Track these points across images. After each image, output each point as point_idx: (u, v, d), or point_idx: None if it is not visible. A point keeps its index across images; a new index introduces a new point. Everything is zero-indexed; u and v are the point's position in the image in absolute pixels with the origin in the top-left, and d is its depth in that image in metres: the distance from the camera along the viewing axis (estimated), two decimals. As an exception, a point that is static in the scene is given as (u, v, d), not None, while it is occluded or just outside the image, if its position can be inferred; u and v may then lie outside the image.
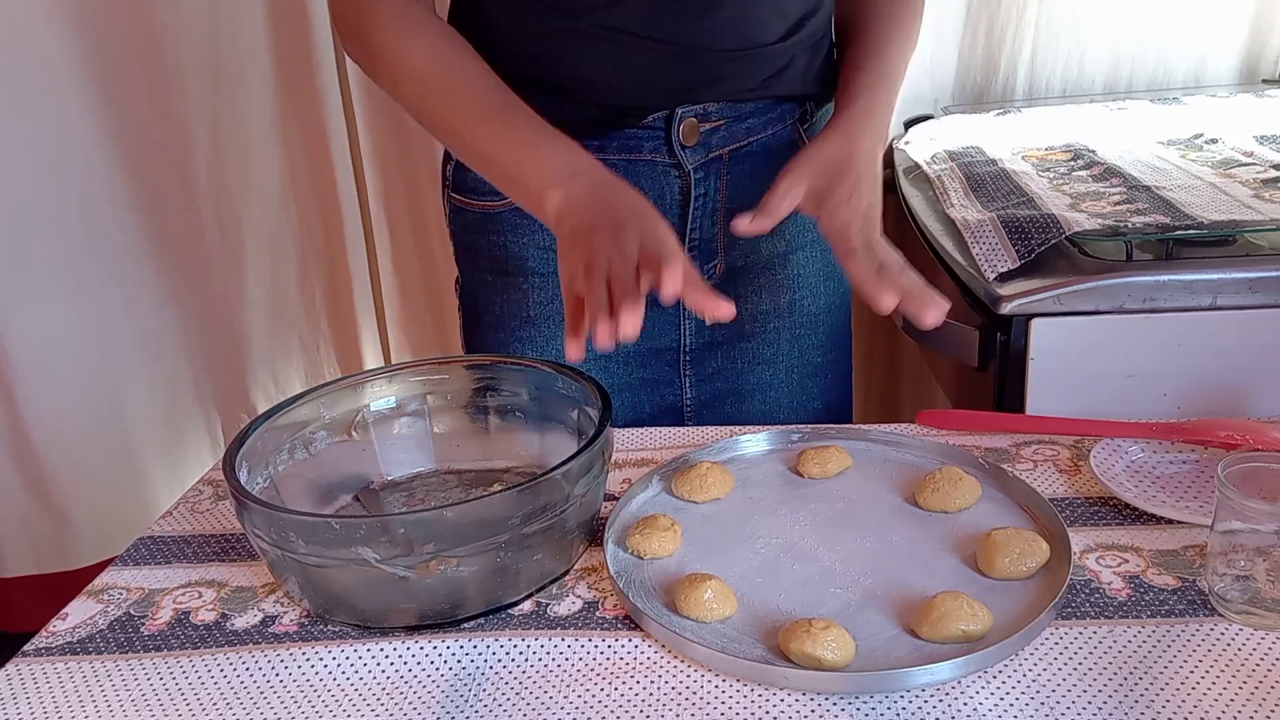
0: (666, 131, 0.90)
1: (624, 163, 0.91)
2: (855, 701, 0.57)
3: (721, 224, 0.96)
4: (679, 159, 0.91)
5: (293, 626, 0.67)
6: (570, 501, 0.67)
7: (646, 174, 0.92)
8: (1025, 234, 0.94)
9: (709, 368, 1.01)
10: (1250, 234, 0.91)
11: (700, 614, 0.63)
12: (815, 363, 1.04)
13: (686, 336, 1.00)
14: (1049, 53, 1.56)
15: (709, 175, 0.93)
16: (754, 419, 1.02)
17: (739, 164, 0.94)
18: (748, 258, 0.99)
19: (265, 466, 0.74)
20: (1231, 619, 0.61)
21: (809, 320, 1.02)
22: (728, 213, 0.95)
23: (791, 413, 1.03)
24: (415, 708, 0.59)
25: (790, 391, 1.03)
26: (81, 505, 1.69)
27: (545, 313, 0.97)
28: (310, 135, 1.62)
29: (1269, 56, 1.56)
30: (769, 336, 1.01)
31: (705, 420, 1.03)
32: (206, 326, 1.69)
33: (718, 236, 0.96)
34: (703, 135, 0.91)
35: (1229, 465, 0.61)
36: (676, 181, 0.93)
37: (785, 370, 1.03)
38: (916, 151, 1.34)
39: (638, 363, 1.00)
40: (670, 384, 1.01)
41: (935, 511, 0.73)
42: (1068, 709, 0.55)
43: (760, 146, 0.95)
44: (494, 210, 0.96)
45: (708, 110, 0.91)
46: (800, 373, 1.03)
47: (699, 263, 0.97)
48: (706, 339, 1.00)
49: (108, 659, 0.65)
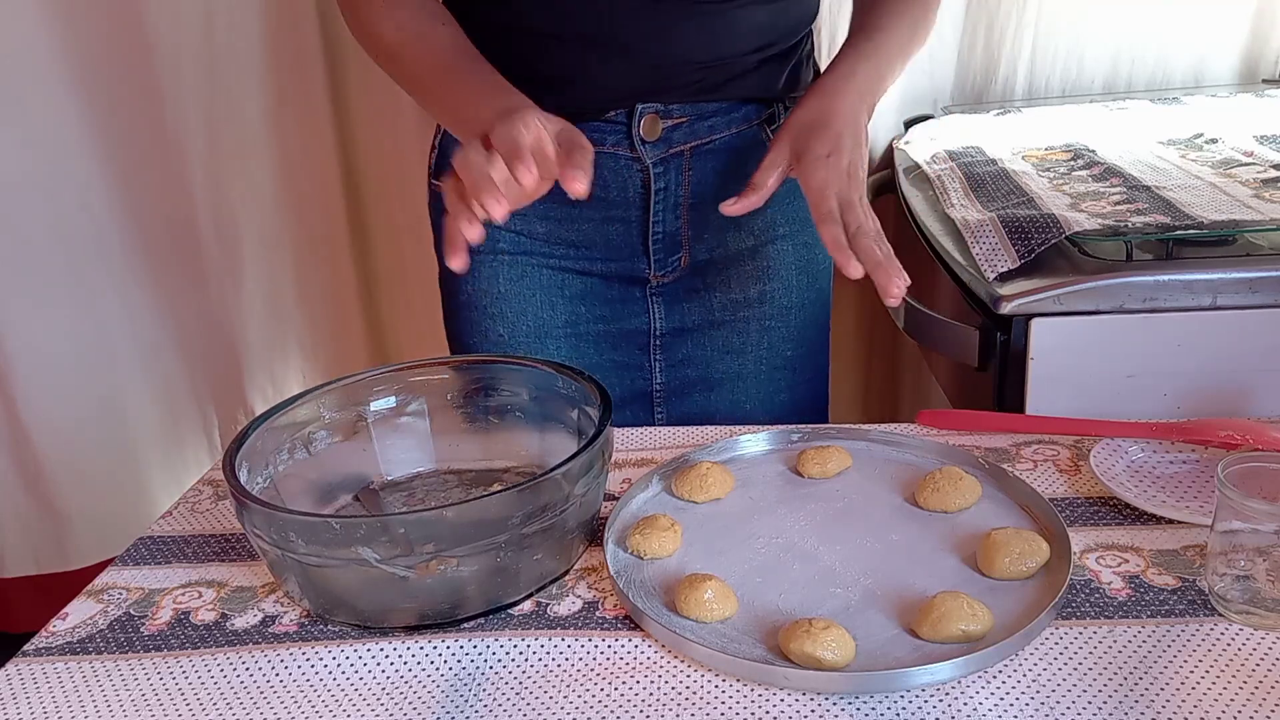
0: (628, 126, 0.91)
1: None
2: (855, 701, 0.57)
3: (685, 218, 0.97)
4: (639, 154, 0.92)
5: (293, 626, 0.67)
6: (570, 501, 0.67)
7: (609, 166, 0.93)
8: (1025, 234, 0.94)
9: (679, 354, 1.02)
10: (1250, 234, 0.91)
11: (700, 614, 0.63)
12: (785, 355, 1.05)
13: (656, 320, 1.02)
14: (1048, 53, 1.56)
15: (669, 170, 0.94)
16: (722, 408, 1.04)
17: (701, 160, 0.95)
18: (714, 251, 1.00)
19: (265, 466, 0.74)
20: (1231, 619, 0.61)
21: (781, 313, 1.03)
22: (691, 208, 0.96)
23: (759, 404, 1.04)
24: (415, 708, 0.59)
25: (759, 383, 1.04)
26: (81, 505, 1.69)
27: (516, 289, 0.99)
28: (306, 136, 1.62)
29: (1269, 56, 1.56)
30: (739, 326, 1.02)
31: (674, 407, 1.04)
32: (204, 328, 1.69)
33: (681, 230, 0.98)
34: (664, 131, 0.92)
35: (1229, 465, 0.61)
36: (638, 175, 0.94)
37: (754, 361, 1.04)
38: (916, 151, 1.34)
39: (609, 344, 1.01)
40: (640, 368, 1.03)
41: (935, 511, 0.73)
42: (1068, 709, 0.55)
43: (723, 145, 0.95)
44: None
45: (670, 108, 0.92)
46: (770, 364, 1.04)
47: (663, 255, 0.98)
48: (677, 324, 1.02)
49: (107, 659, 0.65)
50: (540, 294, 0.99)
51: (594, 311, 1.01)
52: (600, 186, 0.93)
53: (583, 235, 0.97)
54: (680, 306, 1.02)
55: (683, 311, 1.02)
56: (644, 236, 0.97)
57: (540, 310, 0.99)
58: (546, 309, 0.99)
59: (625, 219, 0.96)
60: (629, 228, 0.97)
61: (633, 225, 0.97)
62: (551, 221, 0.97)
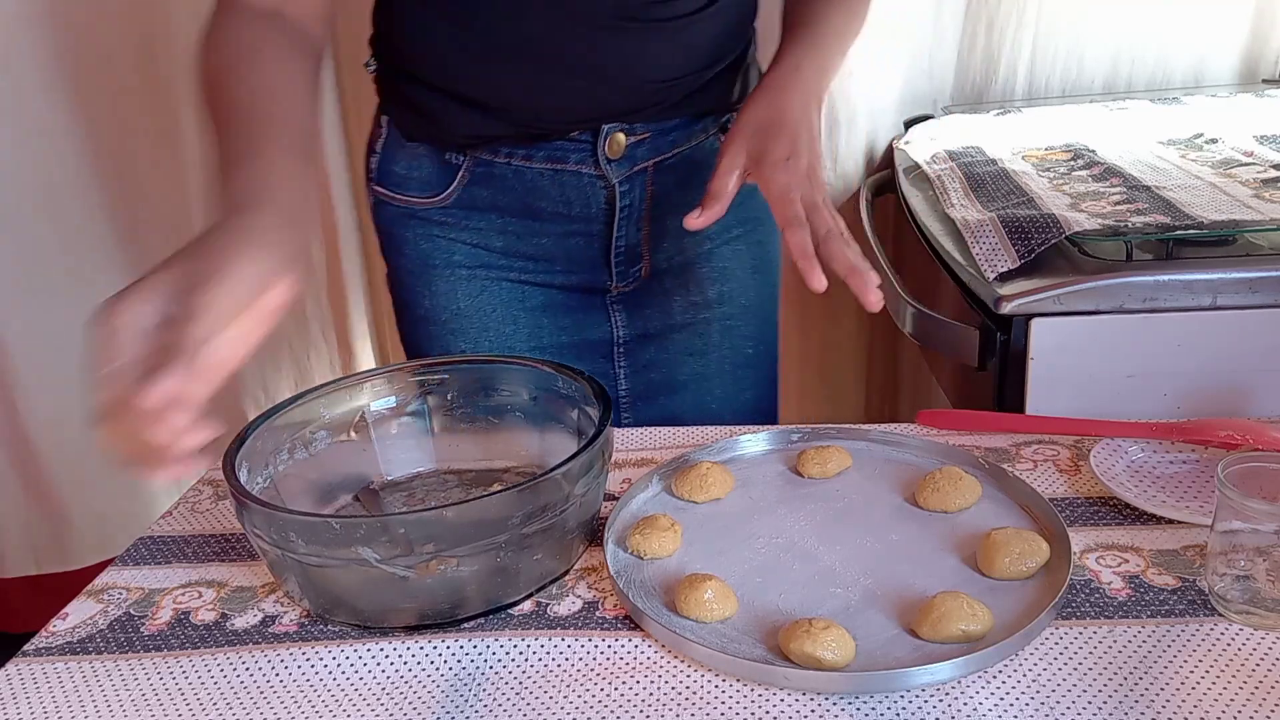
0: (593, 144, 0.91)
1: (551, 172, 0.92)
2: (855, 701, 0.57)
3: (646, 229, 0.97)
4: (604, 172, 0.92)
5: (293, 626, 0.67)
6: (570, 501, 0.67)
7: (573, 184, 0.93)
8: (1025, 234, 0.94)
9: (642, 359, 1.03)
10: (1250, 234, 0.91)
11: (700, 614, 0.63)
12: (746, 354, 1.06)
13: (619, 328, 1.02)
14: (1048, 53, 1.56)
15: (634, 186, 0.95)
16: (688, 410, 1.05)
17: (663, 174, 0.95)
18: (672, 259, 1.00)
19: (265, 466, 0.74)
20: (1231, 619, 0.61)
21: (739, 312, 1.04)
22: (652, 219, 0.97)
23: (724, 403, 1.05)
24: (415, 708, 0.59)
25: (723, 383, 1.05)
26: (81, 505, 1.69)
27: (476, 304, 0.98)
28: None
29: (1269, 56, 1.56)
30: (699, 328, 1.03)
31: (640, 412, 1.05)
32: None
33: (642, 241, 0.98)
34: (628, 149, 0.92)
35: (1229, 465, 0.61)
36: (602, 192, 0.94)
37: (717, 361, 1.05)
38: (916, 151, 1.33)
39: (573, 354, 1.01)
40: (605, 375, 1.03)
41: (935, 511, 0.73)
42: (1068, 709, 0.55)
43: (684, 157, 0.96)
44: (418, 207, 0.96)
45: (633, 126, 0.92)
46: (732, 363, 1.05)
47: (623, 266, 0.99)
48: (639, 330, 1.03)
49: (107, 659, 0.65)
50: (501, 309, 0.98)
51: (556, 323, 1.00)
52: (563, 203, 0.93)
53: (542, 249, 0.97)
54: (641, 313, 1.02)
55: (644, 318, 1.02)
56: (606, 250, 0.97)
57: (502, 325, 0.98)
58: (509, 324, 0.98)
59: (587, 233, 0.96)
60: (590, 241, 0.97)
61: (595, 239, 0.97)
62: (510, 236, 0.96)
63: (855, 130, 1.54)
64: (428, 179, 0.94)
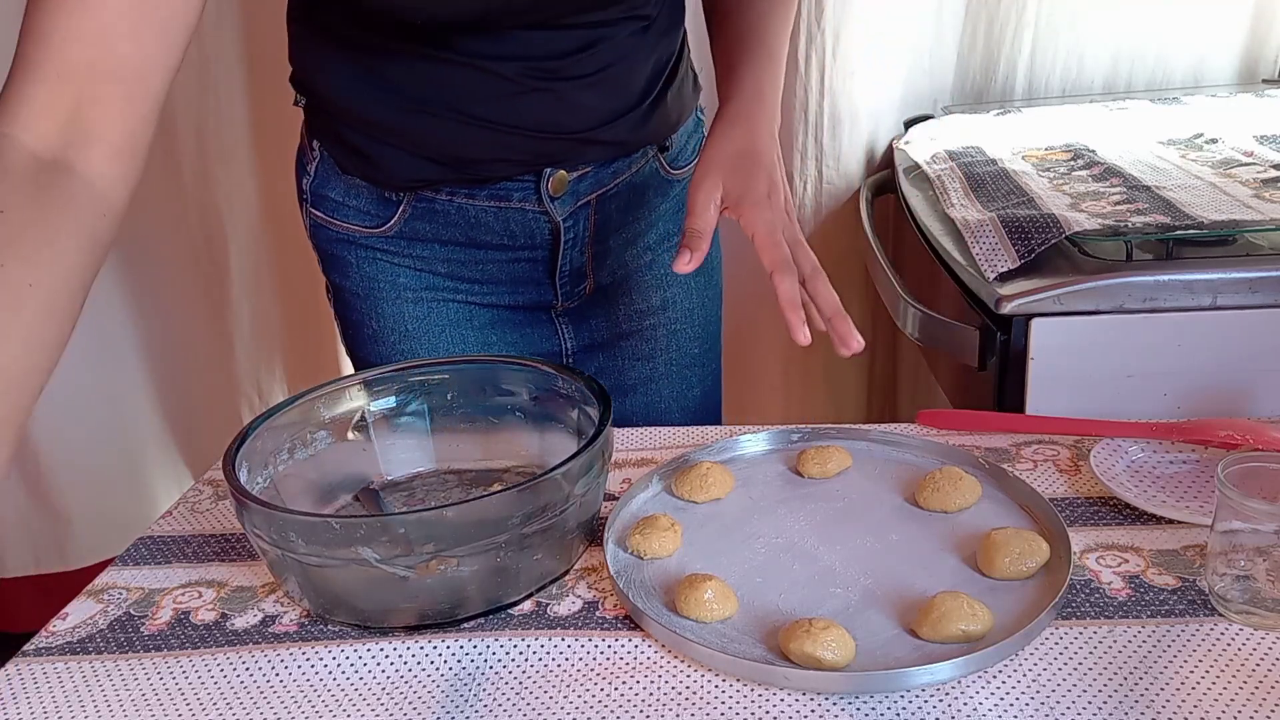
0: (536, 184, 0.90)
1: (495, 209, 0.92)
2: (855, 701, 0.57)
3: (590, 253, 0.98)
4: (548, 209, 0.92)
5: (293, 626, 0.67)
6: (570, 501, 0.67)
7: (517, 220, 0.93)
8: (1025, 234, 0.94)
9: (591, 367, 1.04)
10: (1250, 234, 0.91)
11: (700, 614, 0.63)
12: (692, 354, 1.07)
13: (566, 341, 1.03)
14: (1048, 53, 1.56)
15: (578, 220, 0.95)
16: (637, 412, 1.06)
17: (606, 204, 0.96)
18: (616, 273, 1.01)
19: (265, 466, 0.74)
20: (1231, 619, 0.61)
21: (684, 315, 1.05)
22: (596, 241, 0.97)
23: (672, 402, 1.07)
24: (415, 708, 0.59)
25: (670, 383, 1.06)
26: (81, 506, 1.69)
27: (424, 326, 0.97)
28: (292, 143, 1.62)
29: (1269, 56, 1.56)
30: (646, 334, 1.04)
31: None
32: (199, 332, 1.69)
33: (586, 263, 0.98)
34: (570, 185, 0.92)
35: (1229, 465, 0.61)
36: (546, 226, 0.93)
37: (664, 364, 1.05)
38: (916, 151, 1.34)
39: None
40: None
41: (935, 511, 0.73)
42: (1068, 709, 0.55)
43: (625, 185, 0.96)
44: (358, 234, 0.94)
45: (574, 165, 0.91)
46: (679, 364, 1.06)
47: (568, 287, 0.99)
48: (586, 341, 1.03)
49: (107, 659, 0.65)
50: (450, 329, 0.98)
51: (505, 339, 1.00)
52: (507, 235, 0.93)
53: (487, 274, 0.97)
54: (588, 325, 1.02)
55: (591, 329, 1.03)
56: (551, 273, 0.97)
57: (451, 345, 0.98)
58: (458, 343, 0.98)
59: (532, 259, 0.96)
60: (535, 265, 0.97)
61: (539, 264, 0.96)
62: (454, 263, 0.95)
63: (855, 130, 1.54)
64: (367, 209, 0.93)
